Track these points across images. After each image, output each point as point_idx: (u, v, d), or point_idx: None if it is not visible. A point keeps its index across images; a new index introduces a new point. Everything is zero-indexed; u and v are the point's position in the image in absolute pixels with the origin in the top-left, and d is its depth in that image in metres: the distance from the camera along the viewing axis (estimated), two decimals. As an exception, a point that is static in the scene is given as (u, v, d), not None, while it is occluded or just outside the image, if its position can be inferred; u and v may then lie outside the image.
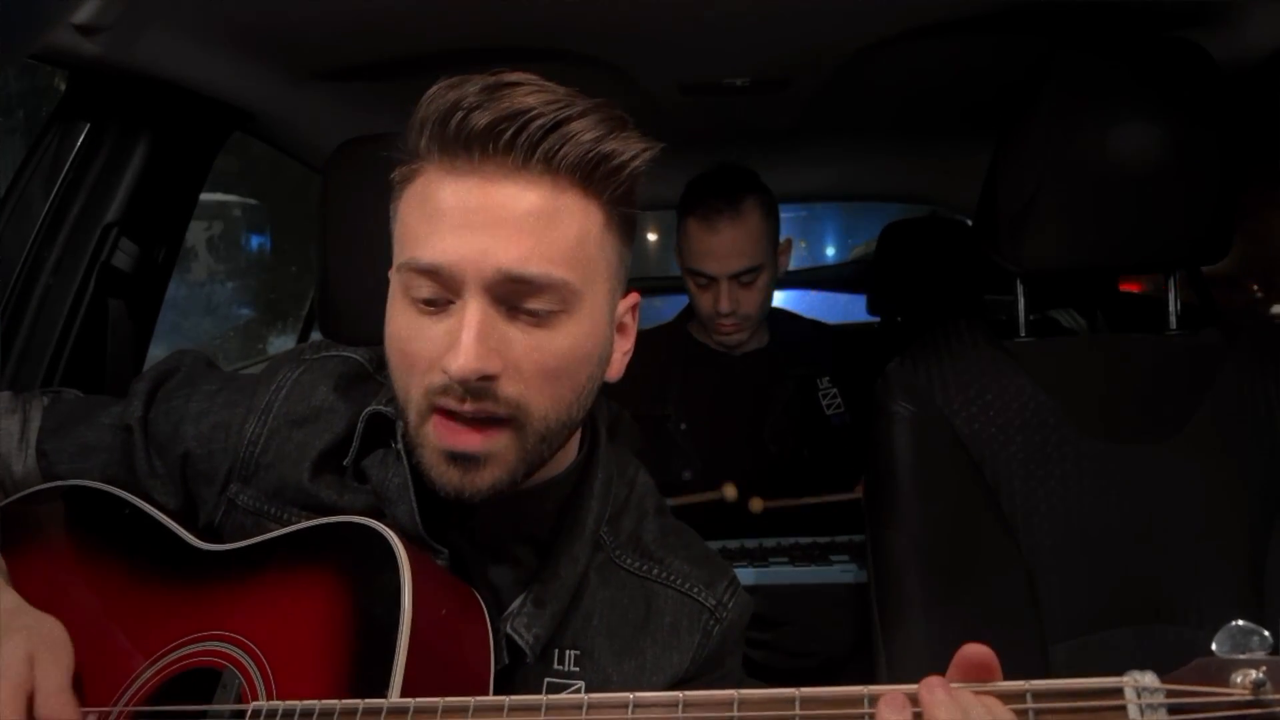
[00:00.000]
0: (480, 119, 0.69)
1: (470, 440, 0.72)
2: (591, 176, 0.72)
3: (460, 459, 0.72)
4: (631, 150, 0.73)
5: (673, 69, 1.54)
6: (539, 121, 0.69)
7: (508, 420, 0.73)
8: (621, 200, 0.75)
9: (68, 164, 1.31)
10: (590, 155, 0.71)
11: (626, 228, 0.78)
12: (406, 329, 0.73)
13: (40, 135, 1.33)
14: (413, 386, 0.73)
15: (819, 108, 1.78)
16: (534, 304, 0.72)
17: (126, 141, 1.35)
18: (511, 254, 0.70)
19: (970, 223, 2.38)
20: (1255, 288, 1.68)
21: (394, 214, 0.77)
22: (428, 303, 0.72)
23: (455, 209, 0.71)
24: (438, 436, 0.72)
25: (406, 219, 0.75)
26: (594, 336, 0.76)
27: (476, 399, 0.71)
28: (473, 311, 0.70)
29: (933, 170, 2.57)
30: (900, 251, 2.35)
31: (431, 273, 0.71)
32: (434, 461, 0.73)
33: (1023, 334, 1.28)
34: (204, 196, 1.62)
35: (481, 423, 0.72)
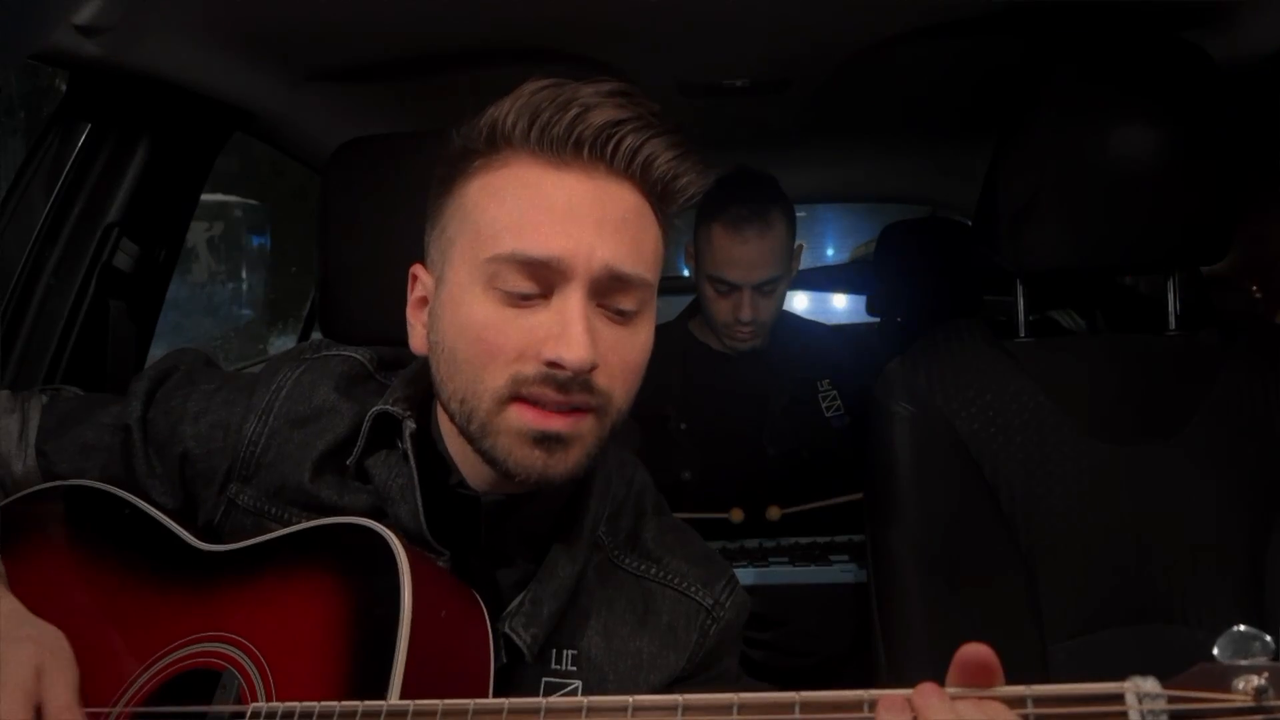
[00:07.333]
0: (596, 119, 0.71)
1: (560, 422, 0.73)
2: (667, 191, 0.76)
3: (547, 440, 0.73)
4: (700, 175, 0.76)
5: (673, 69, 1.54)
6: (640, 131, 0.72)
7: (595, 409, 0.74)
8: (672, 215, 0.79)
9: (69, 164, 1.31)
10: (670, 173, 0.75)
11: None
12: (491, 319, 0.73)
13: (41, 136, 1.33)
14: (490, 376, 0.73)
15: (819, 108, 1.78)
16: (623, 303, 0.74)
17: (127, 142, 1.35)
18: (619, 252, 0.72)
19: (970, 223, 2.38)
20: (1254, 288, 1.68)
21: (453, 202, 0.77)
22: (523, 296, 0.73)
23: (563, 203, 0.72)
24: (523, 420, 0.73)
25: (492, 209, 0.74)
26: (653, 337, 0.79)
27: (577, 390, 0.72)
28: (578, 304, 0.72)
29: (933, 170, 2.57)
30: (900, 252, 2.35)
31: (540, 265, 0.71)
32: (514, 445, 0.73)
33: (1023, 334, 1.28)
34: (204, 197, 1.62)
35: (570, 409, 0.73)
